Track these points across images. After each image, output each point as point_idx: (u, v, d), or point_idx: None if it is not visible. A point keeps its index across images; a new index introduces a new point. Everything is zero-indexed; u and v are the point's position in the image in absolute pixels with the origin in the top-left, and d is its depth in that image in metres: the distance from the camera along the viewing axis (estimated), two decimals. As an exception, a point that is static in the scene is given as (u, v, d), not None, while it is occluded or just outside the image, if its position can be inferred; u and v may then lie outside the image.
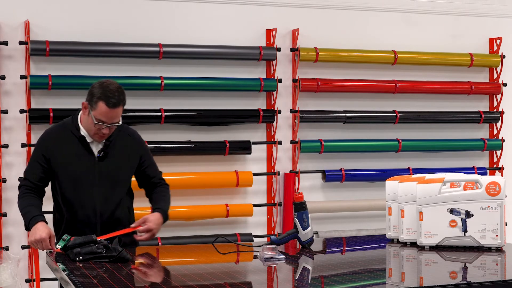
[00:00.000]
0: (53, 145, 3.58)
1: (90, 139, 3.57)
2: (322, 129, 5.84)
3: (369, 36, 5.97)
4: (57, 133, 3.62)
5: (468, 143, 6.16)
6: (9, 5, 5.12)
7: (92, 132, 3.52)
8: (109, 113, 3.46)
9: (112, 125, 3.50)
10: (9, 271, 4.54)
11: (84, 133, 3.56)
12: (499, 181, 3.38)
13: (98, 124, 3.47)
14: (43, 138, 3.65)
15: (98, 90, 3.50)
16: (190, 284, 2.72)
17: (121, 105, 3.49)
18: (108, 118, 3.47)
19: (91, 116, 3.48)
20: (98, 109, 3.46)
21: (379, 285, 2.84)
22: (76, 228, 3.55)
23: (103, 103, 3.45)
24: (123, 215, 3.65)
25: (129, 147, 3.66)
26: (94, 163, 3.56)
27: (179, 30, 5.49)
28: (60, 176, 3.57)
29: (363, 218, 5.93)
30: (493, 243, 3.37)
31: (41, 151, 3.59)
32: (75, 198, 3.56)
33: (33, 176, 3.58)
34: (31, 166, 3.62)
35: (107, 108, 3.45)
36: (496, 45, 6.25)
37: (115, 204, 3.61)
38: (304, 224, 3.52)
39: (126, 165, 3.65)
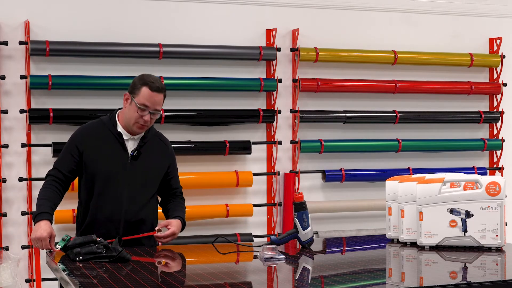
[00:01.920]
0: (88, 139, 3.62)
1: (127, 136, 3.61)
2: (322, 129, 5.84)
3: (369, 36, 5.97)
4: (94, 128, 3.67)
5: (468, 143, 6.16)
6: (9, 5, 5.12)
7: (133, 121, 3.55)
8: (152, 97, 3.52)
9: (154, 113, 3.54)
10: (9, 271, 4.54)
11: (121, 130, 3.61)
12: (499, 181, 3.38)
13: (140, 110, 3.51)
14: (79, 131, 3.68)
15: (140, 79, 3.59)
16: (190, 284, 2.72)
17: (163, 92, 3.57)
18: (151, 102, 3.52)
19: (134, 103, 3.52)
20: (141, 94, 3.52)
21: (379, 285, 2.84)
22: (99, 224, 3.58)
23: (146, 87, 3.53)
24: (147, 216, 3.65)
25: (161, 153, 3.70)
26: (127, 161, 3.59)
27: (179, 30, 5.50)
28: (91, 170, 3.58)
29: (363, 218, 5.93)
30: (493, 243, 3.37)
31: (76, 143, 3.62)
32: (103, 194, 3.57)
33: (63, 167, 3.61)
34: (63, 157, 3.64)
35: (150, 91, 3.52)
36: (496, 45, 6.25)
37: (141, 205, 3.62)
38: (304, 224, 3.52)
39: (156, 169, 3.66)
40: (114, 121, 3.64)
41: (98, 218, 3.59)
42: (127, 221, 3.58)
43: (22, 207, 5.15)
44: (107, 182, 3.57)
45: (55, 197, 3.59)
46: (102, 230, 3.51)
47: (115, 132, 3.61)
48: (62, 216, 5.09)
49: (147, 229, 3.64)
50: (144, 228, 3.62)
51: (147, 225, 3.65)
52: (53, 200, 3.57)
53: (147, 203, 3.65)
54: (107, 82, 5.24)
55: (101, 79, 5.24)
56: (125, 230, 3.57)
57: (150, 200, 3.67)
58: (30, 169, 5.14)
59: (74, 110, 5.21)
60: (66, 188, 3.67)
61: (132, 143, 3.62)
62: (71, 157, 3.61)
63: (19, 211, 5.12)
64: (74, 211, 5.10)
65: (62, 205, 5.17)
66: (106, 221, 3.57)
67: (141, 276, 2.86)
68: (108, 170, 3.58)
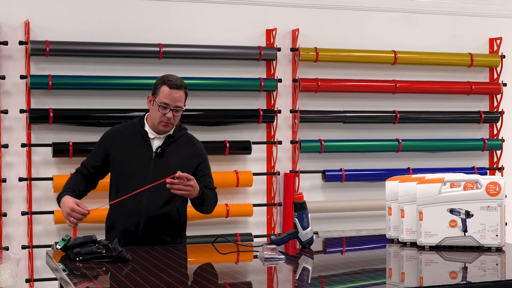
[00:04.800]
0: (116, 139, 3.75)
1: (153, 135, 3.72)
2: (322, 129, 5.84)
3: (369, 36, 5.97)
4: (122, 128, 3.81)
5: (468, 143, 6.16)
6: (9, 5, 5.12)
7: (157, 121, 3.66)
8: (171, 94, 3.64)
9: (176, 109, 3.65)
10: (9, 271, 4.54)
11: (148, 129, 3.73)
12: (499, 181, 3.38)
13: (162, 108, 3.63)
14: (109, 131, 3.83)
15: (159, 79, 3.73)
16: (190, 284, 2.72)
17: (182, 89, 3.69)
18: (171, 99, 3.63)
19: (156, 103, 3.65)
20: (161, 93, 3.66)
21: (379, 285, 2.84)
22: (121, 218, 3.70)
23: (165, 86, 3.66)
24: (170, 212, 3.71)
25: (189, 153, 3.75)
26: (151, 158, 3.67)
27: (179, 30, 5.50)
28: (117, 169, 3.72)
29: (363, 218, 5.94)
30: (493, 243, 3.37)
31: (103, 143, 3.78)
32: (127, 191, 3.64)
33: (88, 163, 3.77)
34: (91, 154, 3.81)
35: (169, 89, 3.65)
36: (496, 45, 6.25)
37: (164, 201, 3.68)
38: (304, 224, 3.52)
39: (181, 167, 3.64)
40: (143, 122, 3.77)
41: (120, 214, 3.71)
42: (147, 216, 3.65)
43: (22, 207, 5.15)
44: (131, 178, 3.66)
45: (76, 183, 3.72)
46: (123, 225, 3.68)
47: (142, 131, 3.73)
48: (62, 216, 5.06)
49: (170, 225, 3.71)
50: (166, 224, 3.70)
51: (170, 220, 3.71)
52: (74, 184, 3.71)
53: (170, 199, 3.69)
54: (107, 82, 5.25)
55: (101, 79, 5.24)
56: (146, 226, 3.66)
57: (174, 198, 3.69)
58: (30, 169, 5.14)
59: (74, 110, 5.21)
60: (91, 182, 3.80)
61: (158, 142, 3.73)
62: (97, 155, 3.77)
63: (19, 211, 5.12)
64: (74, 211, 5.09)
65: (62, 205, 5.20)
66: (127, 216, 3.68)
67: (141, 276, 2.86)
68: (133, 167, 3.69)
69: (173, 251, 3.47)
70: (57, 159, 5.20)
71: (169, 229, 3.73)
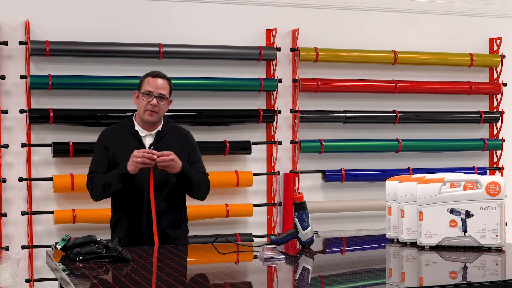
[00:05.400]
0: (111, 138, 3.85)
1: (143, 133, 3.82)
2: (322, 129, 5.84)
3: (369, 36, 5.97)
4: (114, 129, 3.92)
5: (468, 143, 6.16)
6: (9, 5, 5.12)
7: (143, 110, 3.77)
8: (154, 82, 3.79)
9: (160, 97, 3.76)
10: (9, 271, 4.54)
11: (138, 128, 3.83)
12: (499, 181, 3.38)
13: (146, 96, 3.76)
14: (102, 133, 3.93)
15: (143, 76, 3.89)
16: (190, 284, 2.72)
17: (166, 79, 3.83)
18: (154, 87, 3.77)
19: (141, 94, 3.79)
20: (145, 83, 3.81)
21: (379, 285, 2.84)
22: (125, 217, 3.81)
23: (148, 77, 3.83)
24: (171, 207, 3.82)
25: (180, 145, 3.85)
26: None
27: (179, 30, 5.50)
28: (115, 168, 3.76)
29: (363, 218, 5.93)
30: (493, 243, 3.37)
31: (102, 144, 3.86)
32: (127, 190, 3.75)
33: (100, 168, 3.82)
34: (96, 160, 3.87)
35: (151, 78, 3.81)
36: (496, 45, 6.25)
37: (164, 196, 3.79)
38: (304, 224, 3.52)
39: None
40: (132, 122, 3.86)
41: (124, 213, 3.81)
42: (150, 212, 3.73)
43: (22, 207, 5.15)
44: (133, 177, 3.70)
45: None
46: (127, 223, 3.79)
47: (132, 131, 3.83)
48: (62, 216, 5.09)
49: (171, 220, 3.82)
50: (168, 219, 3.80)
51: (172, 215, 3.83)
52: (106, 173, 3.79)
53: (169, 194, 3.81)
54: (107, 82, 5.25)
55: (101, 79, 5.24)
56: (149, 222, 3.74)
57: (172, 192, 3.82)
58: (30, 169, 5.14)
59: (74, 110, 5.21)
60: None
61: (149, 139, 3.83)
62: (103, 157, 3.83)
63: (19, 211, 5.12)
64: (74, 211, 5.10)
65: (62, 205, 5.23)
66: (131, 214, 3.79)
67: (141, 276, 2.86)
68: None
69: (173, 251, 3.47)
70: (57, 159, 5.20)
71: (171, 222, 3.84)
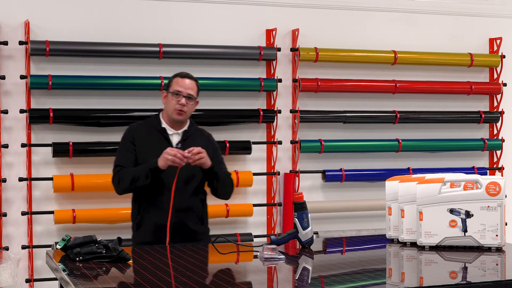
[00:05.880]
0: (138, 135, 3.94)
1: (171, 131, 3.93)
2: (322, 129, 5.84)
3: (369, 36, 5.97)
4: (141, 125, 4.01)
5: (468, 143, 6.16)
6: (9, 5, 5.12)
7: (172, 109, 3.89)
8: (182, 82, 3.91)
9: (188, 97, 3.88)
10: (9, 271, 4.54)
11: (165, 126, 3.93)
12: (499, 181, 3.38)
13: (175, 96, 3.88)
14: (129, 129, 4.01)
15: (171, 76, 4.00)
16: (190, 284, 2.72)
17: (193, 80, 3.96)
18: (183, 87, 3.90)
19: (169, 94, 3.91)
20: (174, 84, 3.93)
21: (379, 285, 2.84)
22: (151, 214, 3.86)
23: (177, 77, 3.95)
24: (195, 205, 3.93)
25: (204, 145, 3.89)
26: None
27: (179, 30, 5.50)
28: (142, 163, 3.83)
29: (363, 218, 5.93)
30: (493, 243, 3.37)
31: (129, 139, 3.94)
32: (153, 186, 3.82)
33: (127, 163, 3.90)
34: (122, 155, 3.95)
35: (180, 78, 3.93)
36: (496, 45, 6.25)
37: (189, 194, 3.89)
38: (304, 224, 3.52)
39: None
40: (159, 119, 3.97)
41: (150, 210, 3.87)
42: (176, 209, 3.82)
43: (22, 207, 5.15)
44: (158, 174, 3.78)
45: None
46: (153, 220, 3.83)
47: (160, 128, 3.93)
48: (62, 216, 5.09)
49: (195, 218, 3.92)
50: (192, 216, 3.90)
51: (195, 213, 3.93)
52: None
53: (194, 192, 3.91)
54: (107, 82, 5.25)
55: (101, 79, 5.24)
56: (175, 218, 3.83)
57: (197, 189, 3.93)
58: (30, 169, 5.14)
59: (74, 110, 5.21)
60: None
61: (176, 137, 3.94)
62: (129, 152, 3.91)
63: (19, 211, 5.12)
64: (74, 211, 5.10)
65: (62, 205, 5.23)
66: (157, 211, 3.83)
67: (141, 276, 2.86)
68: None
69: (173, 251, 3.48)
70: (57, 159, 5.20)
71: (195, 218, 3.93)
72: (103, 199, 5.30)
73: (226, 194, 4.07)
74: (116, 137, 5.29)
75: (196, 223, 3.94)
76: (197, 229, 3.94)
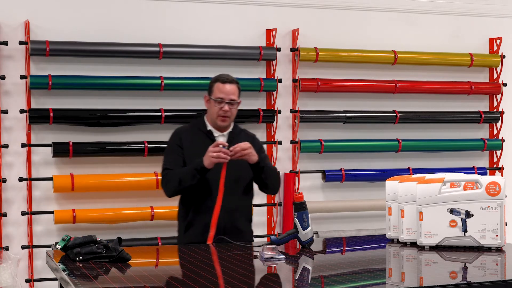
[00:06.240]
0: (185, 137, 3.97)
1: (217, 133, 3.97)
2: (322, 129, 5.84)
3: (369, 36, 5.97)
4: (187, 129, 4.05)
5: (468, 143, 6.16)
6: (9, 5, 5.12)
7: (215, 115, 3.92)
8: (224, 88, 3.92)
9: (231, 102, 3.91)
10: (9, 271, 4.54)
11: (211, 128, 3.97)
12: (499, 181, 3.38)
13: (218, 103, 3.90)
14: (175, 132, 4.04)
15: (212, 79, 4.01)
16: (190, 284, 2.72)
17: (234, 83, 3.96)
18: (224, 93, 3.91)
19: (212, 100, 3.93)
20: (215, 89, 3.94)
21: (379, 285, 2.85)
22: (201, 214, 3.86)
23: (218, 82, 3.95)
24: (243, 205, 3.99)
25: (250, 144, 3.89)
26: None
27: (179, 30, 5.49)
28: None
29: (363, 218, 5.93)
30: (493, 243, 3.37)
31: (176, 142, 3.98)
32: (202, 187, 3.84)
33: (175, 166, 3.91)
34: (170, 158, 3.97)
35: (222, 84, 3.94)
36: (496, 45, 6.25)
37: (238, 194, 3.93)
38: (304, 224, 3.52)
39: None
40: (203, 122, 4.01)
41: (201, 210, 3.88)
42: (225, 209, 3.81)
43: (22, 207, 5.15)
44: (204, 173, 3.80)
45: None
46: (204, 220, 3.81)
47: (206, 131, 3.97)
48: (62, 216, 5.09)
49: (243, 218, 3.97)
50: (240, 216, 3.94)
51: (244, 213, 3.99)
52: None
53: (242, 192, 3.95)
54: (107, 82, 5.24)
55: (101, 79, 5.23)
56: (225, 218, 3.83)
57: (245, 189, 3.97)
58: (30, 169, 5.14)
59: (74, 110, 5.21)
60: None
61: (222, 139, 3.97)
62: (177, 155, 3.93)
63: (19, 211, 5.12)
64: (74, 211, 5.10)
65: (62, 205, 5.23)
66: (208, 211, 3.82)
67: (141, 276, 2.86)
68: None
69: (173, 251, 3.48)
70: (57, 159, 5.20)
71: (244, 218, 3.99)
72: (103, 199, 5.30)
73: (273, 188, 4.10)
74: (116, 137, 5.31)
75: (244, 223, 4.00)
76: (245, 229, 3.99)
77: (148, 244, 5.15)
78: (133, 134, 5.37)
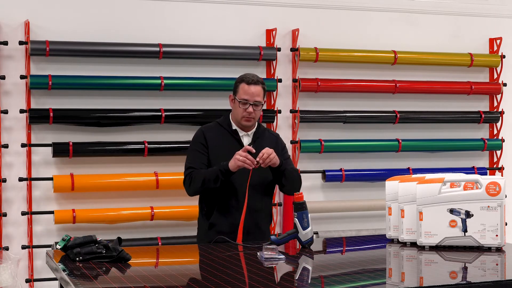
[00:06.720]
0: (209, 136, 3.97)
1: (242, 133, 3.97)
2: (322, 129, 5.84)
3: (369, 36, 5.97)
4: (212, 127, 4.04)
5: (468, 143, 6.16)
6: (9, 5, 5.12)
7: (240, 116, 3.92)
8: (249, 90, 3.90)
9: (256, 104, 3.89)
10: (9, 271, 4.54)
11: (236, 128, 3.98)
12: (499, 181, 3.38)
13: (242, 104, 3.89)
14: (200, 130, 4.03)
15: (237, 79, 3.99)
16: (190, 284, 2.72)
17: (260, 84, 3.93)
18: (249, 95, 3.89)
19: (237, 101, 3.92)
20: (240, 90, 3.92)
21: (379, 285, 2.85)
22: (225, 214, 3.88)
23: (243, 83, 3.93)
24: (266, 206, 4.01)
25: (273, 145, 3.96)
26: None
27: (179, 30, 5.49)
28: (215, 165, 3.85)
29: (363, 218, 5.93)
30: (493, 243, 3.37)
31: (200, 141, 3.97)
32: (228, 186, 3.85)
33: (199, 164, 3.91)
34: (194, 157, 3.96)
35: (247, 85, 3.91)
36: (496, 45, 6.25)
37: (261, 195, 3.95)
38: (304, 224, 3.52)
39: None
40: (229, 121, 4.01)
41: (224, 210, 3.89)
42: (249, 210, 3.82)
43: (22, 207, 5.15)
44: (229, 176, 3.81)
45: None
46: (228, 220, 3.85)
47: (231, 130, 3.98)
48: (62, 216, 5.09)
49: (265, 219, 4.00)
50: (263, 217, 3.97)
51: (266, 213, 4.01)
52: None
53: (266, 192, 3.97)
54: (107, 82, 5.25)
55: (101, 79, 5.24)
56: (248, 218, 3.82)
57: (268, 190, 3.99)
58: (30, 169, 5.14)
59: (74, 110, 5.21)
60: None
61: (247, 139, 3.98)
62: (201, 154, 3.93)
63: (19, 211, 5.12)
64: (74, 211, 5.10)
65: (62, 205, 5.23)
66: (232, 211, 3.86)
67: (141, 276, 2.86)
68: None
69: (173, 251, 3.48)
70: (57, 159, 5.20)
71: (266, 219, 4.01)
72: (103, 199, 5.30)
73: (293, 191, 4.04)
74: (116, 137, 5.31)
75: (267, 223, 4.02)
76: (267, 229, 4.01)
77: (148, 244, 5.15)
78: (133, 134, 5.37)
